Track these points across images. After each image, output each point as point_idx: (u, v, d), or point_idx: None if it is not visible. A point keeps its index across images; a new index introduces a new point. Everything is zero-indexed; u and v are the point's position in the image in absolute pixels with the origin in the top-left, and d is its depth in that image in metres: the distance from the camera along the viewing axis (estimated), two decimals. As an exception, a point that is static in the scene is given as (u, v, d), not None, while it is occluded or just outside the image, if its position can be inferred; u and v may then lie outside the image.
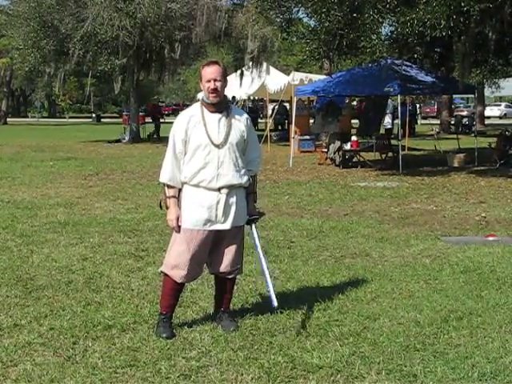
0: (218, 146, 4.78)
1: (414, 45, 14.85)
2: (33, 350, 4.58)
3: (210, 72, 4.77)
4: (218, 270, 4.98)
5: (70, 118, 68.74)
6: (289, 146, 20.21)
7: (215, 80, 4.74)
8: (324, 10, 14.38)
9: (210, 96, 4.78)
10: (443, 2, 12.74)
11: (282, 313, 5.31)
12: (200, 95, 5.22)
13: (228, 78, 5.02)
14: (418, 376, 4.11)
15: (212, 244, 4.90)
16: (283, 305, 5.53)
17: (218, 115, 4.83)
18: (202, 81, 4.84)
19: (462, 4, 12.69)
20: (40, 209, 10.54)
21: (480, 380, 4.05)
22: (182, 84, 72.95)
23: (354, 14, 14.18)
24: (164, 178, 4.88)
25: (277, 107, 27.29)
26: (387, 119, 25.81)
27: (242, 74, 27.51)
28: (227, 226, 4.86)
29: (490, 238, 8.13)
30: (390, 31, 16.13)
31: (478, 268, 6.70)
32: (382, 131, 23.76)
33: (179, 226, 4.82)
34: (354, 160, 18.17)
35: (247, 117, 5.03)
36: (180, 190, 4.87)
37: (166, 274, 4.88)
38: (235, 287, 5.99)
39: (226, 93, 4.92)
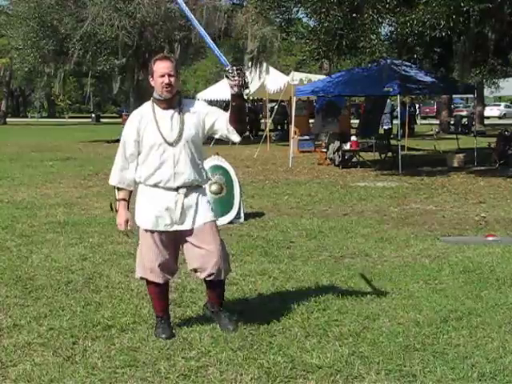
0: (171, 144, 4.62)
1: (413, 45, 14.86)
2: (32, 350, 4.58)
3: (163, 67, 4.60)
4: (204, 274, 4.76)
5: (70, 118, 68.77)
6: (288, 146, 20.20)
7: (169, 75, 4.58)
8: (323, 10, 14.38)
9: (163, 91, 4.60)
10: (443, 2, 12.74)
11: (281, 313, 5.31)
12: (199, 96, 5.18)
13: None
14: (418, 376, 4.11)
15: (183, 241, 4.77)
16: (282, 305, 5.54)
17: (170, 111, 4.67)
18: (153, 76, 4.64)
19: (462, 4, 12.70)
20: (39, 209, 10.54)
21: (479, 380, 4.05)
22: (181, 84, 72.99)
23: (354, 14, 14.17)
24: (113, 180, 4.79)
25: (276, 107, 27.27)
26: (386, 119, 25.80)
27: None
28: (187, 226, 4.70)
29: (490, 238, 8.13)
30: (390, 31, 16.13)
31: (478, 268, 6.70)
32: (381, 131, 23.77)
33: (128, 230, 4.80)
34: (353, 160, 18.18)
35: (201, 104, 4.93)
36: (131, 192, 4.81)
37: (145, 279, 4.82)
38: (234, 287, 6.01)
39: (223, 93, 4.90)
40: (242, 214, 9.56)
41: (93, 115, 64.72)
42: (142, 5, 25.22)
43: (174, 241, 4.76)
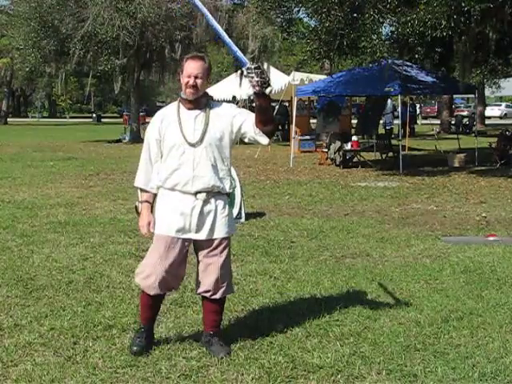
0: (193, 145, 4.36)
1: (414, 45, 14.84)
2: (33, 350, 4.58)
3: (192, 67, 4.37)
4: (200, 289, 4.53)
5: (71, 117, 68.74)
6: (289, 145, 20.20)
7: (196, 77, 4.34)
8: (324, 10, 14.38)
9: (186, 91, 4.39)
10: (444, 2, 12.74)
11: (282, 313, 5.32)
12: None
13: (228, 78, 4.94)
14: (419, 376, 4.11)
15: (196, 256, 4.54)
16: (283, 305, 5.54)
17: (195, 112, 4.43)
18: (182, 73, 4.43)
19: (463, 4, 12.69)
20: (40, 209, 10.54)
21: (480, 380, 4.05)
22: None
23: (355, 14, 14.19)
24: (139, 182, 4.58)
25: (277, 107, 27.27)
26: (388, 119, 25.79)
27: (242, 74, 27.48)
28: (202, 236, 4.42)
29: (491, 238, 8.13)
30: (391, 31, 16.13)
31: (479, 268, 6.71)
32: (382, 131, 23.75)
33: (151, 233, 4.50)
34: (354, 160, 18.18)
35: (229, 106, 4.63)
36: (155, 195, 4.55)
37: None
38: (235, 287, 6.01)
39: (225, 93, 4.81)
40: (243, 214, 9.56)
41: (94, 115, 64.74)
42: (142, 5, 25.23)
43: (182, 253, 4.45)
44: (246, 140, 4.51)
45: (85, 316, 5.25)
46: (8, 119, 54.86)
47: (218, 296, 4.52)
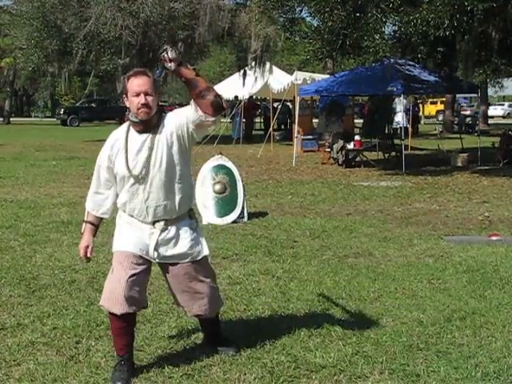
0: (137, 177, 4.01)
1: (417, 44, 14.84)
2: (36, 349, 4.58)
3: (137, 84, 3.95)
4: (191, 313, 4.37)
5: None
6: (292, 145, 20.19)
7: (146, 93, 3.95)
8: (327, 9, 14.38)
9: (139, 113, 3.96)
10: (447, 2, 12.74)
11: (284, 312, 5.32)
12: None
13: (231, 77, 4.81)
14: (421, 375, 4.10)
15: (167, 280, 4.29)
16: (286, 304, 5.54)
17: (143, 136, 4.01)
18: (127, 96, 4.01)
19: (466, 3, 12.68)
20: (43, 208, 10.55)
21: (483, 380, 4.04)
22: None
23: (357, 14, 14.17)
24: (87, 205, 4.28)
25: (280, 107, 27.27)
26: (398, 118, 25.62)
27: (244, 74, 27.52)
28: (165, 260, 4.17)
29: (493, 238, 8.12)
30: (394, 31, 16.13)
31: (482, 268, 6.70)
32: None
33: (87, 258, 4.28)
34: (357, 159, 18.16)
35: (172, 113, 4.12)
36: (101, 219, 4.32)
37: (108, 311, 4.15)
38: (237, 287, 6.02)
39: (227, 92, 4.54)
40: (246, 214, 9.56)
41: (96, 115, 64.66)
42: (145, 4, 25.22)
43: (145, 268, 4.14)
44: (195, 130, 4.00)
45: (87, 315, 5.26)
46: (11, 119, 54.86)
47: (210, 316, 4.40)
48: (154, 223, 4.10)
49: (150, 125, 4.02)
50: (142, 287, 4.15)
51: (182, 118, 4.02)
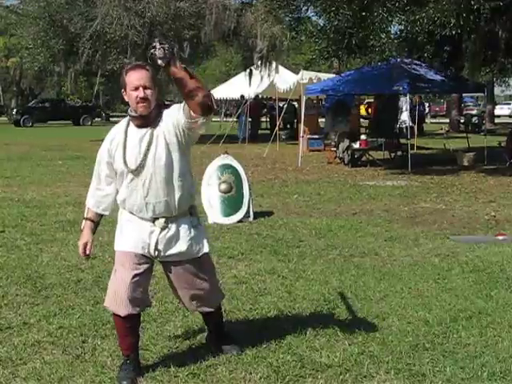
0: (136, 172, 3.97)
1: (423, 43, 14.84)
2: (42, 348, 4.59)
3: (136, 78, 3.91)
4: (192, 308, 4.39)
5: (80, 117, 68.70)
6: (297, 144, 20.20)
7: (145, 87, 3.90)
8: (333, 8, 14.38)
9: (138, 107, 3.93)
10: (453, 1, 12.71)
11: (290, 312, 5.31)
12: None
13: (237, 77, 4.77)
14: (427, 375, 4.09)
15: (168, 277, 4.30)
16: (292, 304, 5.54)
17: (142, 131, 3.98)
18: (125, 90, 3.96)
19: (472, 2, 12.66)
20: (49, 208, 10.57)
21: (489, 380, 4.03)
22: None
23: (364, 13, 14.16)
24: (88, 202, 4.27)
25: (285, 106, 27.26)
26: (404, 117, 25.55)
27: (250, 73, 27.51)
28: (165, 259, 4.17)
29: (500, 237, 8.11)
30: (400, 30, 16.12)
31: (488, 267, 6.68)
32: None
33: (87, 255, 4.27)
34: (362, 159, 18.14)
35: (170, 109, 4.04)
36: (102, 216, 4.31)
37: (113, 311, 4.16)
38: (243, 286, 6.02)
39: (234, 92, 4.51)
40: (252, 213, 9.56)
41: (102, 114, 64.78)
42: (151, 4, 25.25)
43: (147, 267, 4.16)
44: (186, 130, 3.93)
45: (93, 314, 5.27)
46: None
47: (211, 309, 4.40)
48: (153, 220, 4.06)
49: (148, 119, 3.98)
50: (145, 287, 4.18)
51: (177, 116, 3.95)
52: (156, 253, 4.11)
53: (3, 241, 8.06)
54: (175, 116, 3.95)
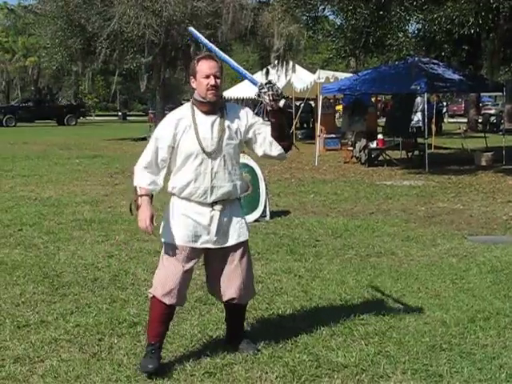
0: (211, 155, 4.16)
1: (441, 42, 14.72)
2: (59, 346, 4.62)
3: (208, 66, 4.14)
4: (225, 298, 4.39)
5: (96, 116, 69.15)
6: (314, 144, 20.16)
7: (215, 76, 4.13)
8: (350, 7, 14.32)
9: (207, 94, 4.14)
10: (471, -1, 12.62)
11: (306, 311, 5.30)
12: (225, 94, 4.78)
13: (254, 76, 4.81)
14: (444, 376, 4.07)
15: (210, 266, 4.40)
16: (308, 303, 5.52)
17: (212, 117, 4.20)
18: (195, 77, 4.19)
19: (491, 1, 12.56)
20: (66, 206, 10.63)
21: (508, 381, 4.00)
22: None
23: (381, 12, 14.08)
24: (141, 180, 4.24)
25: (302, 105, 27.22)
26: (418, 117, 25.46)
27: (267, 73, 27.50)
28: (220, 244, 4.28)
29: (518, 238, 8.05)
30: (417, 29, 16.02)
31: (506, 268, 6.63)
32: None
33: (152, 229, 4.26)
34: (379, 158, 18.08)
35: (247, 111, 4.37)
36: (153, 196, 4.29)
37: (154, 298, 4.25)
38: (259, 285, 6.01)
39: (246, 91, 4.68)
40: (268, 213, 9.55)
41: (119, 113, 65.05)
42: (168, 3, 25.30)
43: (196, 262, 4.35)
44: (260, 154, 4.38)
45: (110, 313, 5.28)
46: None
47: (243, 302, 4.48)
48: (212, 204, 4.23)
49: (216, 107, 4.22)
50: (189, 284, 4.41)
51: (256, 129, 4.32)
52: (216, 237, 4.26)
53: (21, 239, 8.11)
54: (250, 122, 4.32)
